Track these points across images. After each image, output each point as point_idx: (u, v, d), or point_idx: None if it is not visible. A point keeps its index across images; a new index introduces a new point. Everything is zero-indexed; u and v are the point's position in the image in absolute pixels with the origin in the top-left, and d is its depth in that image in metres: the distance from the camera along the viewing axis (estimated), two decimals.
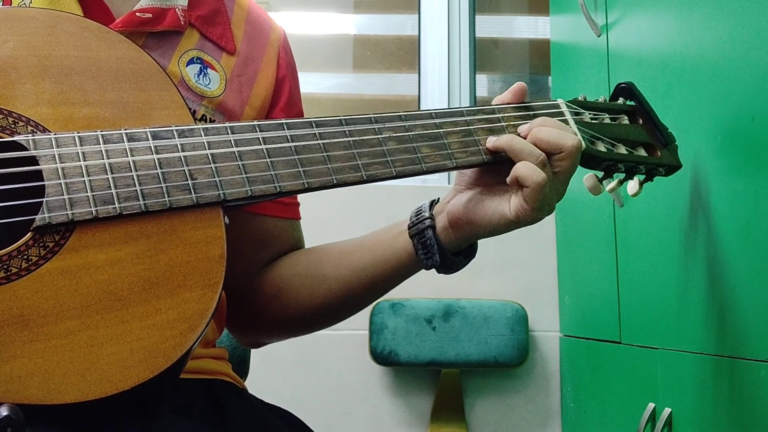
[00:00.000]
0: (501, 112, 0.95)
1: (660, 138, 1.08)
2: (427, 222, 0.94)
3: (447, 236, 0.94)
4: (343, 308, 1.03)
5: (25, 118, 0.75)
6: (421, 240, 0.94)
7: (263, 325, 1.07)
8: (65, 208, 0.72)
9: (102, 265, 0.72)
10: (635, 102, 1.10)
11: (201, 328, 0.73)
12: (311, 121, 0.86)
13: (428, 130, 0.91)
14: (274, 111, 1.05)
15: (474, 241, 0.96)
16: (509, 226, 0.91)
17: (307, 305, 1.02)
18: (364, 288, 1.00)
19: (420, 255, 0.94)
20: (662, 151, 1.07)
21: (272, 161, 0.82)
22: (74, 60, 0.80)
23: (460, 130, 0.92)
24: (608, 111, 1.06)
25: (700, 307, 1.22)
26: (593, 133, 1.01)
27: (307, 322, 1.04)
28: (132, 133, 0.78)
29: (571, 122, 0.99)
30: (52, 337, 0.69)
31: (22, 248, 0.71)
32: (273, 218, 1.05)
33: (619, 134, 1.04)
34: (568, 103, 1.02)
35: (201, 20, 0.99)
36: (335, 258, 1.02)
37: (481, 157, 0.92)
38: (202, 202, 0.77)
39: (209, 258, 0.76)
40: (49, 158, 0.74)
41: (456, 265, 0.95)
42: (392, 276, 0.98)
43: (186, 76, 0.95)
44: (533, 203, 0.87)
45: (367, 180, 0.86)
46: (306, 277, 1.02)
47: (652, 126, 1.08)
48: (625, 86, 1.10)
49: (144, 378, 0.70)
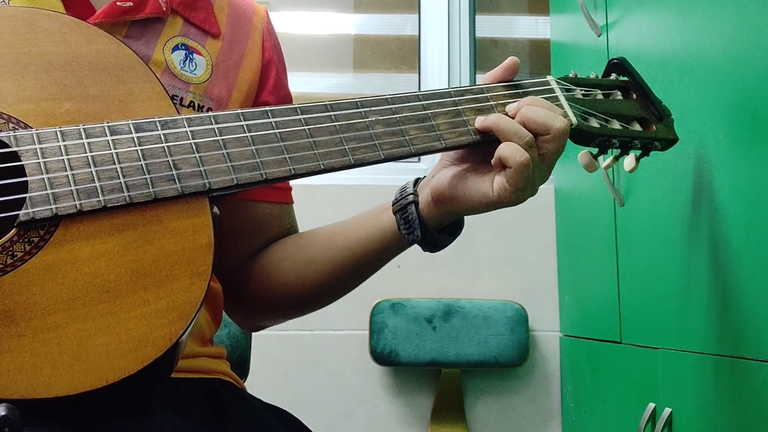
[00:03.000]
0: (489, 91, 0.95)
1: (655, 112, 1.07)
2: (410, 198, 0.93)
3: (429, 211, 0.93)
4: (332, 288, 1.03)
5: (6, 115, 0.75)
6: (403, 215, 0.93)
7: (257, 309, 1.07)
8: (49, 202, 0.72)
9: (88, 258, 0.72)
10: (628, 77, 1.08)
11: (190, 317, 0.73)
12: (296, 108, 0.86)
13: (415, 111, 0.90)
14: (262, 94, 1.05)
15: (457, 217, 0.95)
16: (490, 206, 0.90)
17: (297, 287, 1.02)
18: (350, 267, 0.99)
19: (402, 230, 0.94)
20: (657, 126, 1.06)
21: (257, 148, 0.81)
22: (54, 56, 0.79)
23: (448, 111, 0.91)
24: (600, 87, 1.05)
25: (701, 306, 1.21)
26: (585, 109, 1.00)
27: (299, 303, 1.05)
28: (114, 126, 0.78)
29: (562, 99, 0.98)
30: (40, 331, 0.68)
31: (6, 244, 0.70)
32: (266, 203, 1.05)
33: (613, 109, 1.03)
34: (559, 80, 1.01)
35: (183, 5, 0.99)
36: (323, 240, 1.02)
37: (471, 137, 0.91)
38: (188, 192, 0.77)
39: (196, 246, 0.75)
40: (31, 154, 0.74)
41: (439, 242, 0.94)
42: (377, 254, 0.98)
43: (171, 63, 0.95)
44: (515, 184, 0.86)
45: (355, 164, 0.85)
46: (294, 260, 1.02)
47: (646, 100, 1.07)
48: (617, 62, 1.09)
49: (134, 368, 0.69)
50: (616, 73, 1.09)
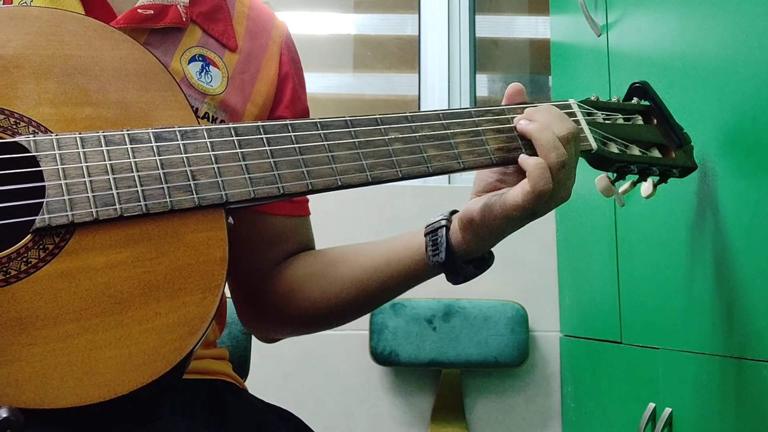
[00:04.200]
0: (510, 112, 0.94)
1: (674, 139, 1.06)
2: (442, 222, 0.95)
3: (457, 238, 0.94)
4: (357, 307, 1.03)
5: (26, 118, 0.75)
6: (432, 237, 0.95)
7: (276, 321, 1.07)
8: (65, 209, 0.72)
9: (102, 267, 0.72)
10: (650, 102, 1.08)
11: (201, 332, 0.72)
12: (317, 122, 0.85)
13: (435, 131, 0.89)
14: (278, 109, 1.04)
15: (484, 247, 0.95)
16: (515, 214, 0.89)
17: (321, 303, 1.02)
18: (376, 287, 0.99)
19: (429, 251, 0.95)
20: (677, 152, 1.06)
21: (275, 162, 0.81)
22: (77, 60, 0.79)
23: (468, 131, 0.91)
24: (621, 111, 1.05)
25: (701, 306, 1.21)
26: (606, 134, 0.99)
27: (319, 319, 1.05)
28: (134, 134, 0.77)
29: (583, 123, 0.97)
30: (51, 340, 0.68)
31: (21, 250, 0.70)
32: (283, 217, 1.05)
33: (633, 135, 1.03)
34: (580, 104, 1.00)
35: (203, 17, 0.98)
36: (351, 258, 1.02)
37: (489, 157, 0.91)
38: (204, 204, 0.76)
39: (210, 261, 0.75)
40: (50, 159, 0.73)
41: (463, 272, 0.95)
42: (403, 276, 0.98)
43: (188, 73, 0.95)
44: (535, 190, 0.87)
45: (373, 182, 0.85)
46: (321, 276, 1.02)
47: (666, 126, 1.07)
48: (639, 86, 1.08)
49: (143, 382, 0.69)
50: (638, 97, 1.08)
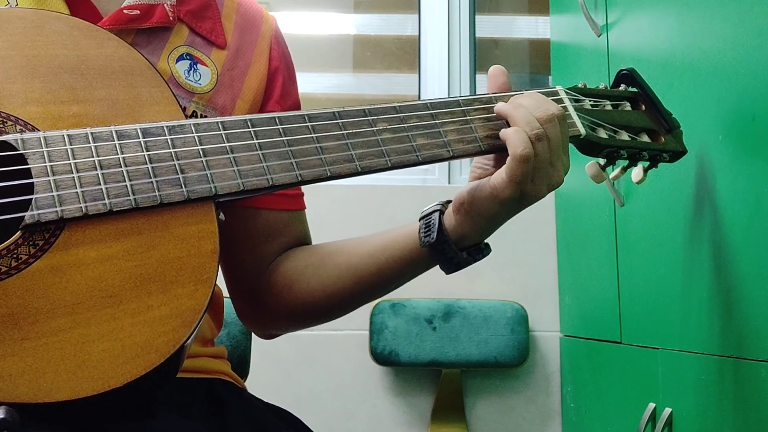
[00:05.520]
0: (499, 100, 0.94)
1: (664, 124, 1.06)
2: (437, 207, 0.95)
3: (450, 222, 0.94)
4: (355, 298, 1.03)
5: (14, 117, 0.75)
6: (426, 221, 0.95)
7: (275, 316, 1.07)
8: (54, 205, 0.72)
9: (92, 262, 0.72)
10: (637, 88, 1.08)
11: (194, 324, 0.72)
12: (304, 115, 0.85)
13: (424, 120, 0.90)
14: (268, 104, 1.04)
15: (477, 231, 0.94)
16: (495, 201, 0.90)
17: (319, 294, 1.02)
18: (372, 276, 0.99)
19: (421, 233, 0.95)
20: (666, 137, 1.06)
21: (264, 154, 0.81)
22: (63, 59, 0.79)
23: (456, 119, 0.91)
24: (609, 98, 1.05)
25: (701, 306, 1.21)
26: (594, 120, 1.00)
27: (318, 311, 1.04)
28: (122, 131, 0.77)
29: (571, 109, 0.98)
30: (43, 335, 0.68)
31: (11, 247, 0.70)
32: (278, 211, 1.05)
33: (621, 121, 1.03)
34: (568, 90, 1.01)
35: (190, 15, 0.99)
36: (348, 248, 1.02)
37: (478, 144, 0.91)
38: (194, 197, 0.77)
39: (201, 253, 0.75)
40: (38, 157, 0.74)
41: (456, 257, 0.94)
42: (398, 263, 0.98)
43: (176, 72, 0.95)
44: (513, 175, 0.87)
45: (362, 171, 0.85)
46: (318, 266, 1.02)
47: (655, 112, 1.07)
48: (626, 72, 1.09)
49: (136, 374, 0.69)
50: (626, 84, 1.09)
